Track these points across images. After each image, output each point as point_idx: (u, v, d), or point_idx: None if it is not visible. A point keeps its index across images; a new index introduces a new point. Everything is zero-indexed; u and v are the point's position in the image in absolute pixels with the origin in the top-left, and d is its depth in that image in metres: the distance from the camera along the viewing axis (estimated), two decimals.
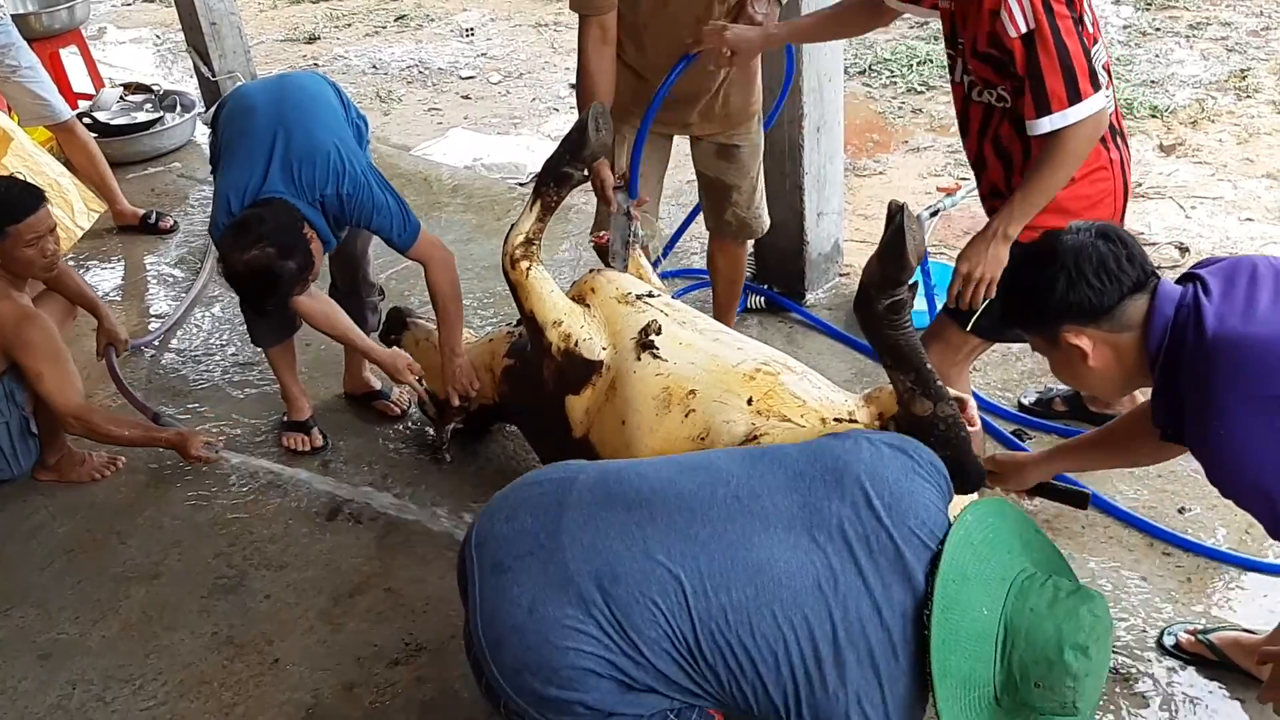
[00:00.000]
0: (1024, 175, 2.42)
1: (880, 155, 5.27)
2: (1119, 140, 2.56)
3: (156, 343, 4.16)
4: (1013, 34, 2.29)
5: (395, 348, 3.34)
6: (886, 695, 1.67)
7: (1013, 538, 1.82)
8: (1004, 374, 3.51)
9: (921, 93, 5.80)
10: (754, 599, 1.67)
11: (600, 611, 1.70)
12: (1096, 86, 2.34)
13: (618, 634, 1.69)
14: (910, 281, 1.94)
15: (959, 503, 2.27)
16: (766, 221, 3.44)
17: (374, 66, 6.95)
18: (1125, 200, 2.59)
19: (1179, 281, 1.93)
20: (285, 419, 3.59)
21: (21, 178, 3.72)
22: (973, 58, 2.42)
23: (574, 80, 3.22)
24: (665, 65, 2.96)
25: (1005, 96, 2.47)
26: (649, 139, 3.11)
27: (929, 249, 3.41)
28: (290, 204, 2.95)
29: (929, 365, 2.01)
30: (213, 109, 3.62)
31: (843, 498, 1.75)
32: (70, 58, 5.94)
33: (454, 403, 3.12)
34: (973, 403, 2.15)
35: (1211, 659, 2.50)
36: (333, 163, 3.00)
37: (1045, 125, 2.34)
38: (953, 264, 2.87)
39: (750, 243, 3.60)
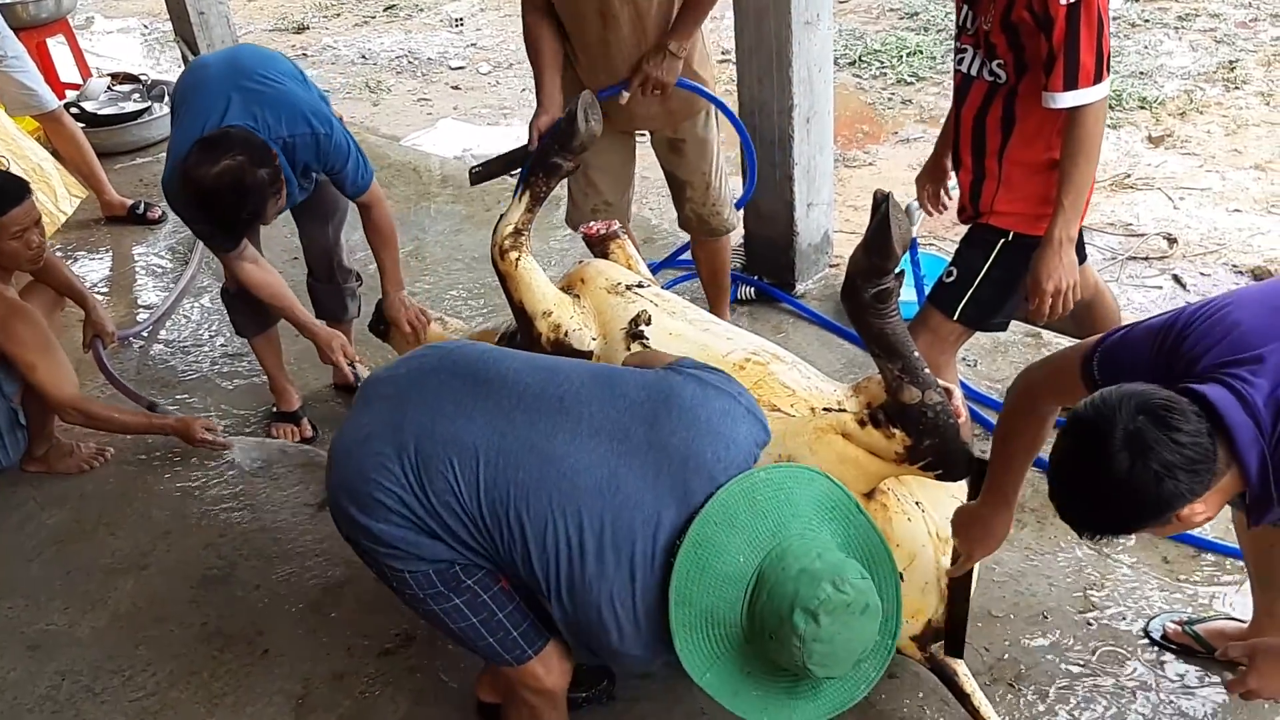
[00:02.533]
0: (1063, 176, 2.42)
1: (870, 146, 5.28)
2: None
3: (145, 334, 4.14)
4: (1062, 0, 2.29)
5: (337, 332, 3.31)
6: (638, 601, 1.82)
7: (807, 506, 1.87)
8: (993, 366, 3.53)
9: (911, 84, 5.80)
10: (537, 482, 1.85)
11: (407, 457, 1.90)
12: (1108, 71, 2.37)
13: (414, 479, 1.89)
14: (896, 270, 1.94)
15: (947, 489, 2.29)
16: (730, 220, 3.42)
17: (363, 56, 6.93)
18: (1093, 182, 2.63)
19: (1204, 382, 1.67)
20: (275, 410, 3.59)
21: (4, 162, 3.70)
22: (998, 21, 2.42)
23: None
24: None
25: (999, 73, 2.47)
26: (614, 136, 3.20)
27: (919, 239, 3.41)
28: (253, 130, 2.92)
29: (916, 353, 2.01)
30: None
31: (652, 425, 1.88)
32: (57, 47, 5.91)
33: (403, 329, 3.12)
34: (959, 392, 2.16)
35: (1198, 650, 2.52)
36: (300, 108, 3.00)
37: (1069, 99, 2.35)
38: (941, 255, 2.88)
39: (730, 236, 3.56)
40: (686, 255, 4.04)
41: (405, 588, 2.00)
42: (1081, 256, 2.87)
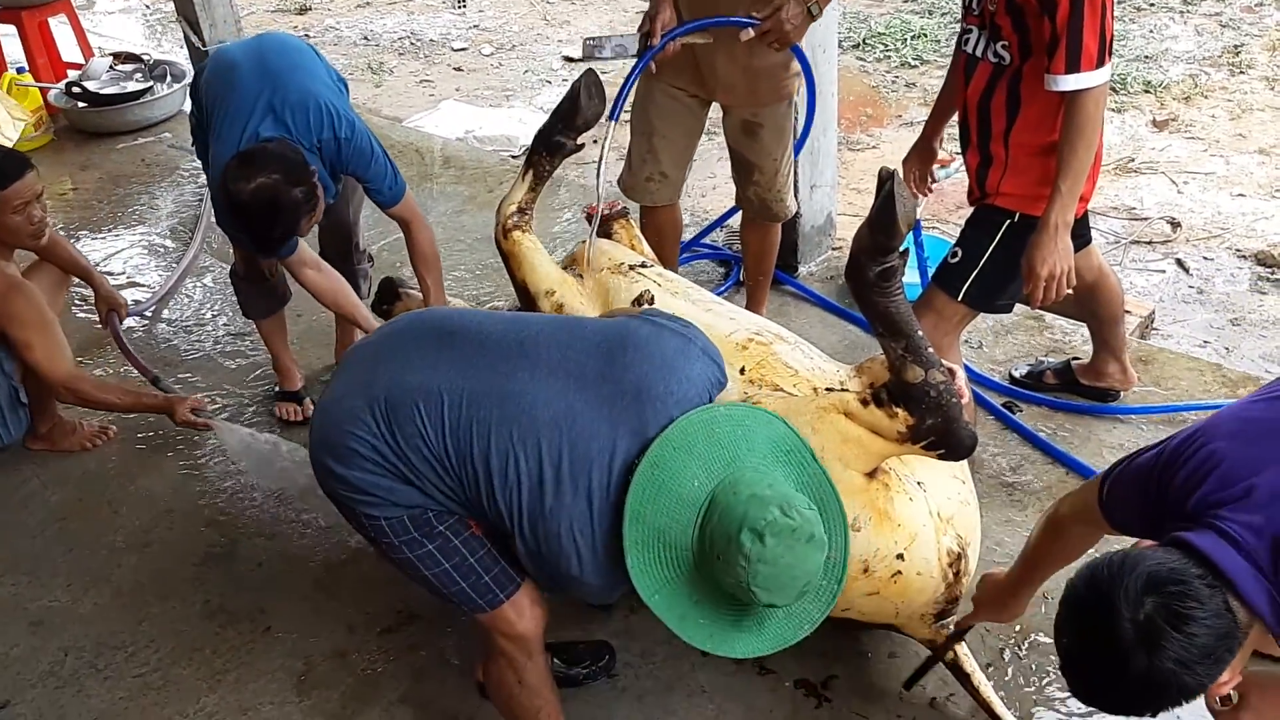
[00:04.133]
0: (1060, 161, 2.42)
1: (874, 129, 5.26)
2: None
3: (149, 313, 4.14)
4: None
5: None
6: (596, 527, 1.89)
7: (764, 445, 1.93)
8: (996, 347, 3.52)
9: (915, 67, 5.79)
10: (498, 419, 1.93)
11: (378, 407, 1.99)
12: (1110, 55, 2.38)
13: (385, 427, 1.97)
14: (900, 249, 1.94)
15: (949, 469, 2.29)
16: (791, 206, 3.38)
17: (365, 38, 6.91)
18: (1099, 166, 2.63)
19: (1195, 525, 1.61)
20: (277, 389, 3.59)
21: None
22: (1003, 3, 2.41)
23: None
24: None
25: (1004, 54, 2.47)
26: (678, 99, 3.13)
27: (922, 220, 3.41)
28: (291, 142, 2.92)
29: (920, 333, 2.01)
30: (193, 77, 3.58)
31: (608, 362, 1.97)
32: (59, 27, 5.89)
33: None
34: (963, 373, 2.16)
35: None
36: (325, 109, 2.97)
37: (1071, 82, 2.35)
38: (944, 237, 2.87)
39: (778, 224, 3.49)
40: (708, 239, 4.07)
41: (381, 535, 2.07)
42: (1085, 240, 2.87)
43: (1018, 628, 2.60)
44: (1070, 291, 2.55)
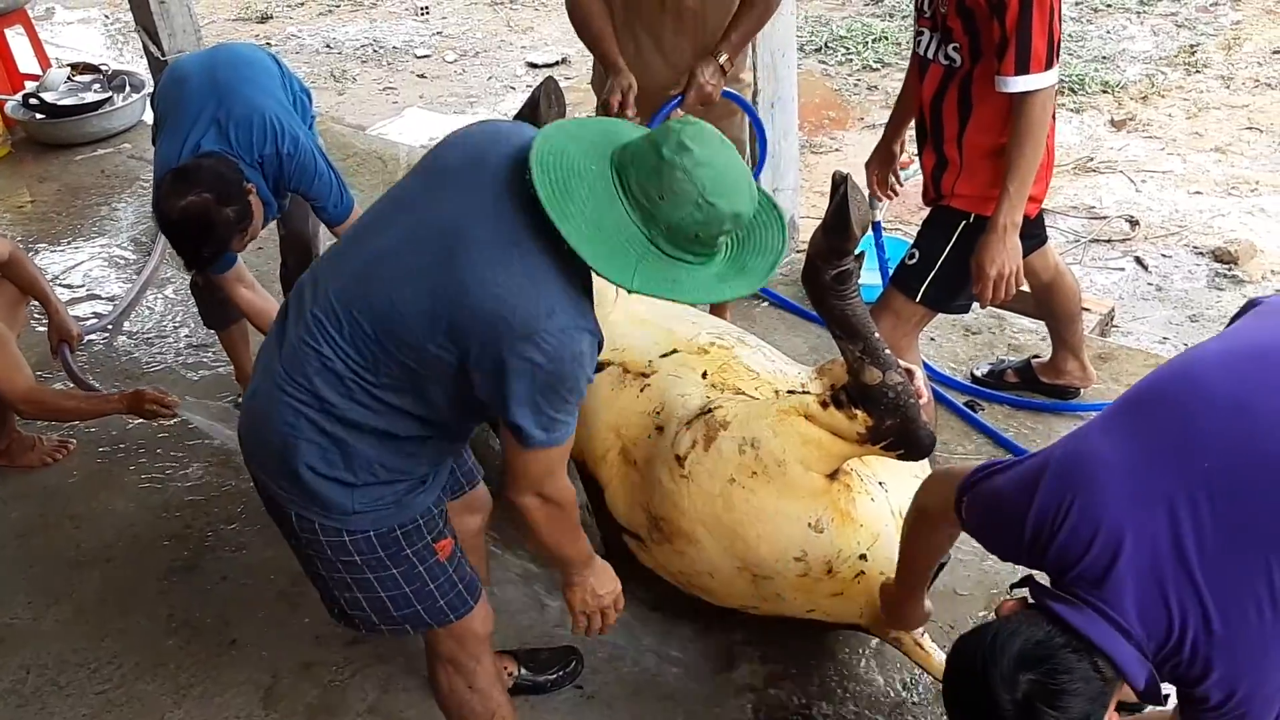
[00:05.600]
0: (1008, 163, 2.44)
1: (836, 132, 5.30)
2: None
3: (109, 326, 4.11)
4: None
5: None
6: (518, 266, 1.74)
7: (606, 146, 1.81)
8: (956, 347, 3.55)
9: (877, 69, 5.83)
10: (377, 272, 1.80)
11: (281, 374, 1.87)
12: (1059, 58, 2.40)
13: (302, 389, 1.84)
14: (856, 252, 1.96)
15: (911, 469, 2.31)
16: None
17: (328, 46, 6.89)
18: (1051, 167, 2.66)
19: (1072, 597, 1.57)
20: (240, 400, 3.56)
21: None
22: (954, 6, 2.44)
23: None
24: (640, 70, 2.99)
25: (955, 56, 2.49)
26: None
27: (883, 223, 3.43)
28: (230, 159, 2.90)
29: (877, 334, 2.03)
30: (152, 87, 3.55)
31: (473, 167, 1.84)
32: (16, 38, 5.83)
33: None
34: (921, 373, 2.17)
35: None
36: (270, 123, 2.94)
37: (1020, 84, 2.37)
38: (905, 238, 2.88)
39: None
40: None
41: (341, 554, 1.95)
42: (1041, 240, 2.90)
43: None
44: (1026, 289, 2.57)
